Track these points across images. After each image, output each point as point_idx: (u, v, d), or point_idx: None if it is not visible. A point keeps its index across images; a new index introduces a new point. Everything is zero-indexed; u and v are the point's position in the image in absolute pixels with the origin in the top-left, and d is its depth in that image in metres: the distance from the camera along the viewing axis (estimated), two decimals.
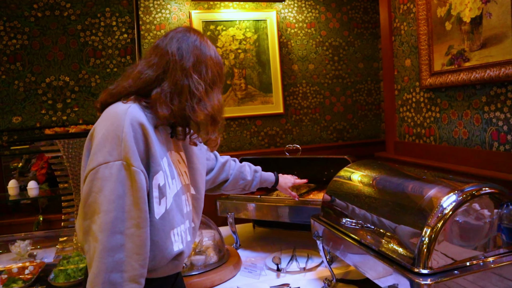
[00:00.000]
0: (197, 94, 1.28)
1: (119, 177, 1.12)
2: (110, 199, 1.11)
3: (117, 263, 1.09)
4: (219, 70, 1.38)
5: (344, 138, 3.83)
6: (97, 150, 1.15)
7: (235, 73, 3.52)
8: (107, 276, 1.08)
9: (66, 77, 3.31)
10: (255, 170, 2.00)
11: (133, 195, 1.14)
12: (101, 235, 1.09)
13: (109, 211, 1.10)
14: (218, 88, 1.39)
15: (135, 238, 1.12)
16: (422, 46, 2.32)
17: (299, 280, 1.87)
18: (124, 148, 1.13)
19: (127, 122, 1.15)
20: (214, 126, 1.33)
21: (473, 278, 1.21)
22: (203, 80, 1.31)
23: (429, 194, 1.31)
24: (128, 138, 1.14)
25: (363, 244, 1.44)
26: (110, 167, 1.12)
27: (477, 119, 2.03)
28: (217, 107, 1.33)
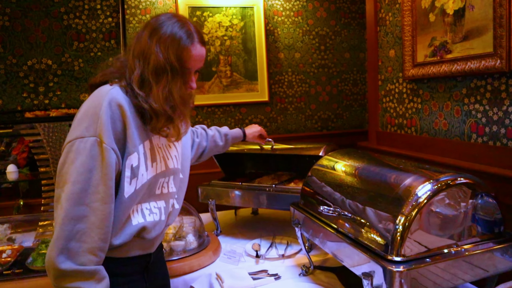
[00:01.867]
0: (141, 86, 1.28)
1: (92, 152, 1.17)
2: (80, 171, 1.16)
3: (77, 233, 1.14)
4: (171, 56, 1.29)
5: (329, 128, 3.84)
6: (76, 125, 1.21)
7: (220, 60, 3.50)
8: (66, 243, 1.13)
9: (49, 60, 3.25)
10: (225, 134, 2.03)
11: (102, 171, 1.18)
12: (66, 203, 1.15)
13: (77, 182, 1.15)
14: (170, 77, 1.30)
15: (99, 212, 1.17)
16: (406, 37, 2.33)
17: (277, 266, 1.89)
18: (99, 126, 1.19)
19: (106, 102, 1.21)
20: (162, 118, 1.30)
21: (444, 265, 1.24)
22: (147, 70, 1.28)
23: (405, 183, 1.32)
24: (104, 116, 1.19)
25: (340, 232, 1.46)
26: (85, 142, 1.18)
27: (457, 111, 2.06)
28: (165, 100, 1.28)
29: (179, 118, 1.36)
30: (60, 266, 1.13)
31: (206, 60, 3.46)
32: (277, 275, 1.79)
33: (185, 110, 1.37)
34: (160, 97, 1.27)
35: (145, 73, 1.28)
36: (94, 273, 1.17)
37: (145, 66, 1.29)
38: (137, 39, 1.34)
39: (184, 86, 1.35)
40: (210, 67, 3.47)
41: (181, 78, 1.33)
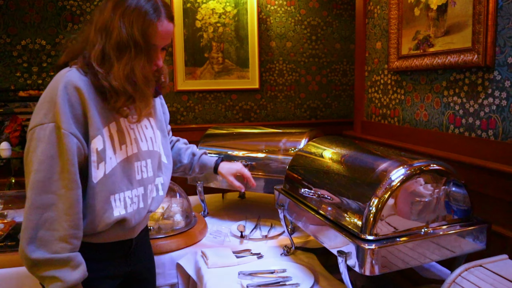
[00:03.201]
0: (100, 62, 1.21)
1: (51, 138, 1.14)
2: (41, 159, 1.13)
3: (46, 221, 1.13)
4: (135, 32, 1.21)
5: (317, 116, 3.92)
6: (36, 111, 1.19)
7: (213, 47, 3.55)
8: (35, 233, 1.12)
9: (43, 40, 3.28)
10: (193, 153, 1.83)
11: (64, 157, 1.15)
12: (30, 192, 1.12)
13: (39, 171, 1.13)
14: (133, 54, 1.22)
15: (65, 198, 1.15)
16: (392, 30, 2.40)
17: (260, 246, 1.96)
18: (56, 111, 1.15)
19: (61, 86, 1.16)
20: (121, 98, 1.23)
21: (413, 245, 1.32)
22: (109, 45, 1.21)
23: (381, 167, 1.40)
24: (60, 101, 1.15)
25: (320, 214, 1.54)
26: (44, 129, 1.15)
27: (437, 102, 2.14)
28: (125, 78, 1.21)
29: (140, 98, 1.27)
30: (31, 256, 1.12)
31: (199, 46, 3.51)
32: (260, 254, 1.87)
33: (147, 90, 1.28)
34: (121, 74, 1.20)
35: (107, 48, 1.21)
36: (68, 260, 1.16)
37: (107, 41, 1.21)
38: (100, 11, 1.25)
39: (148, 64, 1.26)
40: (203, 53, 3.53)
41: (146, 56, 1.24)
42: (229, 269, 1.73)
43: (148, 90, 1.28)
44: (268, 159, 2.18)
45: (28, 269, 1.15)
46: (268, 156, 2.20)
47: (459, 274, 1.31)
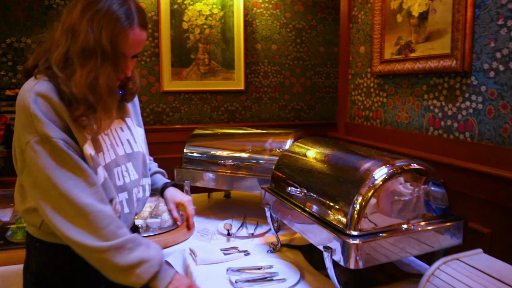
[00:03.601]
0: (62, 66, 1.13)
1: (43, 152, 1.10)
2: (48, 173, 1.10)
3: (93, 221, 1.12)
4: (103, 38, 1.11)
5: (301, 118, 4.00)
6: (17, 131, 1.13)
7: (199, 48, 3.59)
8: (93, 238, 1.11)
9: (28, 39, 3.27)
10: (149, 168, 1.69)
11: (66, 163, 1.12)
12: (72, 202, 1.11)
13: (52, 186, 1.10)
14: (99, 62, 1.13)
15: (97, 195, 1.15)
16: (376, 35, 2.49)
17: (247, 244, 2.01)
18: (37, 124, 1.09)
19: (31, 99, 1.09)
20: (81, 106, 1.14)
21: (394, 240, 1.39)
22: (73, 48, 1.13)
23: (364, 167, 1.47)
24: (37, 112, 1.09)
25: (306, 211, 1.60)
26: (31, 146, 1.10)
27: (417, 105, 2.23)
28: (87, 86, 1.12)
29: (103, 109, 1.17)
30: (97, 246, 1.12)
31: (186, 47, 3.55)
32: (247, 251, 1.91)
33: (110, 101, 1.18)
34: (83, 82, 1.11)
35: (70, 52, 1.12)
36: (136, 239, 1.17)
37: (72, 44, 1.12)
38: (69, 10, 1.16)
39: (114, 74, 1.18)
40: (189, 54, 3.57)
41: (112, 65, 1.16)
42: (217, 266, 1.76)
43: (111, 102, 1.19)
44: (254, 159, 2.23)
45: (111, 266, 1.14)
46: (254, 156, 2.24)
47: (438, 267, 1.39)
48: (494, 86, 1.78)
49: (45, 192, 1.12)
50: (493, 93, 1.79)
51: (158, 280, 1.18)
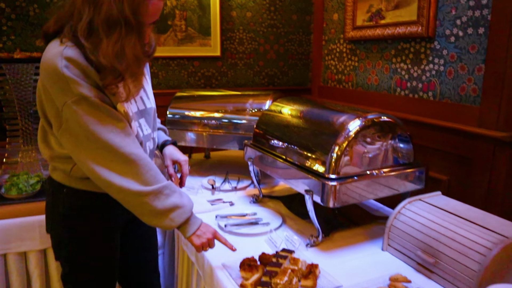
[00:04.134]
0: (88, 37, 1.17)
1: (85, 109, 1.18)
2: (88, 130, 1.19)
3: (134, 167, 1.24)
4: (126, 9, 1.14)
5: (275, 84, 4.15)
6: (54, 93, 1.20)
7: (176, 15, 3.65)
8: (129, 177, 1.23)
9: (2, 3, 3.25)
10: None
11: (105, 118, 1.21)
12: (115, 151, 1.21)
13: (101, 134, 1.20)
14: (124, 32, 1.16)
15: (136, 144, 1.27)
16: (348, 3, 2.65)
17: (231, 196, 2.17)
18: (72, 85, 1.16)
19: (63, 64, 1.16)
20: (109, 76, 1.20)
21: (366, 183, 1.59)
22: (98, 18, 1.15)
23: (340, 120, 1.65)
24: (70, 75, 1.16)
25: (288, 161, 1.77)
26: (69, 106, 1.17)
27: (386, 68, 2.43)
28: (115, 56, 1.16)
29: (131, 77, 1.24)
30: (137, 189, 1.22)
31: (162, 13, 3.60)
32: (231, 202, 2.08)
33: (138, 69, 1.25)
34: (110, 52, 1.14)
35: (95, 22, 1.14)
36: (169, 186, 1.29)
37: (96, 15, 1.14)
38: None
39: (138, 43, 1.20)
40: (166, 21, 3.62)
41: (137, 34, 1.18)
42: (206, 215, 1.90)
43: (138, 70, 1.25)
44: (236, 118, 2.37)
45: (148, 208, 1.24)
46: (236, 116, 2.38)
47: (403, 206, 1.60)
48: (454, 50, 1.99)
49: (88, 147, 1.21)
50: (453, 56, 2.00)
51: (188, 226, 1.32)
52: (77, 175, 1.36)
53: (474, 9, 1.89)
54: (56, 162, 1.38)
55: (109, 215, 1.47)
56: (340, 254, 1.57)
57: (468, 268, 1.30)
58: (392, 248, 1.57)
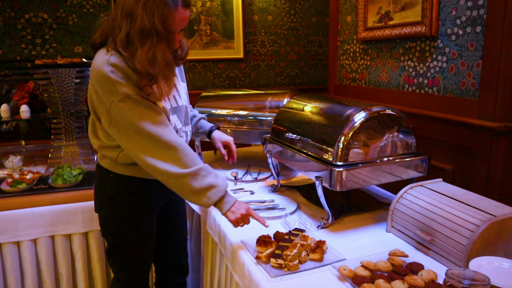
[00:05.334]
0: (125, 46, 1.35)
1: (129, 105, 1.38)
2: (136, 124, 1.38)
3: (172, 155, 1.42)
4: (156, 21, 1.31)
5: (296, 83, 4.33)
6: (103, 93, 1.40)
7: (201, 20, 3.89)
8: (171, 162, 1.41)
9: (45, 14, 3.55)
10: (193, 115, 2.05)
11: (147, 112, 1.40)
12: (158, 140, 1.39)
13: (143, 133, 1.39)
14: (155, 41, 1.33)
15: (173, 132, 1.45)
16: (360, 6, 2.81)
17: (252, 186, 2.32)
18: (118, 86, 1.36)
19: (109, 69, 1.36)
20: (144, 79, 1.37)
21: (371, 169, 1.73)
22: (134, 30, 1.33)
23: (347, 113, 1.80)
24: (115, 78, 1.36)
25: (302, 152, 1.94)
26: (117, 104, 1.38)
27: (395, 66, 2.58)
28: (148, 62, 1.33)
29: (162, 79, 1.41)
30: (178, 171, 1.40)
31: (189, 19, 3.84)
32: (252, 191, 2.25)
33: (168, 72, 1.42)
34: (144, 59, 1.32)
35: (131, 33, 1.33)
36: (207, 169, 1.46)
37: (132, 27, 1.32)
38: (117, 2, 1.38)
39: (168, 50, 1.40)
40: (192, 26, 3.87)
41: (166, 42, 1.36)
42: None
43: (169, 72, 1.43)
44: (257, 115, 2.53)
45: (188, 188, 1.42)
46: (257, 113, 2.55)
47: (406, 191, 1.75)
48: (455, 47, 2.14)
49: (134, 138, 1.41)
50: (454, 53, 2.14)
51: (223, 204, 1.50)
52: (122, 161, 1.58)
53: (472, 9, 2.03)
54: (104, 151, 1.61)
55: (148, 199, 1.69)
56: (347, 234, 1.72)
57: (459, 244, 1.43)
58: (395, 229, 1.71)
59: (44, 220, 2.17)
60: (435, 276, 1.34)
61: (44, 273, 2.18)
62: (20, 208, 2.14)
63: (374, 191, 2.19)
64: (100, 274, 2.29)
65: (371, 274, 1.36)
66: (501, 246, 1.44)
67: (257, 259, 1.51)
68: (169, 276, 1.99)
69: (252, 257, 1.54)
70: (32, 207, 2.16)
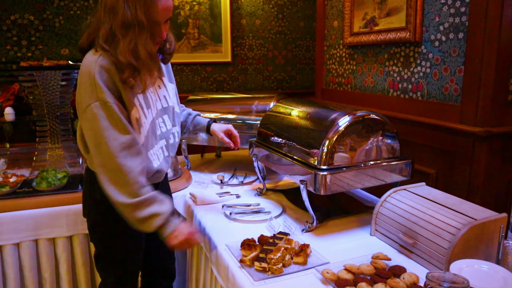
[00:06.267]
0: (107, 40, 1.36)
1: (101, 113, 1.36)
2: (101, 132, 1.37)
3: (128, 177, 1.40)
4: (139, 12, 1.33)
5: (283, 87, 4.35)
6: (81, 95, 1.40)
7: (189, 23, 3.89)
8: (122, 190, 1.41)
9: (31, 16, 3.53)
10: (189, 113, 2.04)
11: (117, 123, 1.38)
12: (112, 160, 1.38)
13: (103, 143, 1.38)
14: (137, 32, 1.35)
15: (133, 156, 1.42)
16: (346, 11, 2.85)
17: (238, 190, 2.34)
18: (99, 90, 1.36)
19: (96, 69, 1.36)
20: (127, 71, 1.36)
21: (355, 173, 1.75)
22: (116, 24, 1.34)
23: (331, 117, 1.81)
24: (99, 81, 1.35)
25: (287, 155, 1.94)
26: (92, 108, 1.37)
27: (380, 71, 2.61)
28: (131, 53, 1.34)
29: (145, 71, 1.40)
30: (124, 201, 1.40)
31: (177, 22, 3.85)
32: (238, 195, 2.26)
33: (151, 63, 1.40)
34: (126, 50, 1.33)
35: (113, 28, 1.34)
36: (155, 198, 1.44)
37: (114, 22, 1.33)
38: None
39: (151, 40, 1.38)
40: (180, 29, 3.87)
41: (148, 32, 1.36)
42: (214, 206, 2.10)
43: (152, 64, 1.42)
44: (244, 119, 2.54)
45: (131, 217, 1.42)
46: (244, 117, 2.56)
47: (389, 195, 1.77)
48: (438, 53, 2.17)
49: (98, 146, 1.40)
50: (437, 59, 2.18)
51: (163, 229, 1.48)
52: None
53: (455, 16, 2.07)
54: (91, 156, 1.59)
55: None
56: (332, 238, 1.73)
57: (440, 247, 1.46)
58: (378, 233, 1.73)
59: (28, 223, 2.14)
60: (417, 279, 1.36)
61: (27, 278, 2.15)
62: (3, 211, 2.11)
63: (359, 194, 2.21)
64: (85, 278, 2.26)
65: (354, 278, 1.38)
66: (481, 249, 1.46)
67: (241, 262, 1.52)
68: (156, 281, 1.98)
69: (236, 260, 1.55)
70: (16, 210, 2.13)
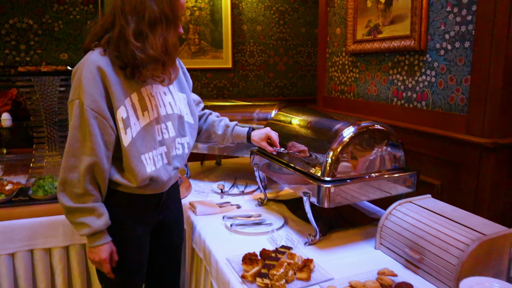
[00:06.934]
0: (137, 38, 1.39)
1: (76, 112, 1.40)
2: (71, 129, 1.41)
3: (71, 180, 1.42)
4: (165, 8, 1.40)
5: (284, 94, 4.32)
6: (71, 89, 1.44)
7: (190, 29, 3.86)
8: (63, 187, 1.44)
9: (30, 20, 3.49)
10: (226, 125, 1.96)
11: (84, 128, 1.40)
12: (64, 156, 1.43)
13: (69, 138, 1.42)
14: (164, 26, 1.42)
15: (85, 163, 1.40)
16: (349, 18, 2.81)
17: (238, 200, 2.29)
18: (80, 89, 1.38)
19: (85, 68, 1.39)
20: (158, 65, 1.43)
21: (359, 185, 1.71)
22: (143, 23, 1.39)
23: (336, 127, 1.78)
24: (84, 81, 1.38)
25: (289, 166, 1.91)
26: (72, 104, 1.41)
27: (384, 80, 2.57)
28: (161, 47, 1.41)
29: (170, 63, 1.48)
30: (64, 204, 1.43)
31: None
32: (238, 205, 2.22)
33: (175, 55, 1.49)
34: (158, 45, 1.39)
35: (141, 26, 1.38)
36: (93, 210, 1.44)
37: (140, 20, 1.38)
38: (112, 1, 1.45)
39: (175, 33, 1.47)
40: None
41: (174, 26, 1.44)
42: (214, 216, 2.05)
43: (176, 55, 1.51)
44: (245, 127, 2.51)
45: (65, 216, 1.47)
46: (244, 124, 2.52)
47: (394, 207, 1.73)
48: (444, 62, 2.13)
49: (68, 141, 1.43)
50: (443, 68, 2.14)
51: (88, 241, 1.49)
52: (112, 174, 1.52)
53: (461, 25, 2.03)
54: None
55: (140, 214, 1.63)
56: (335, 252, 1.69)
57: (449, 263, 1.41)
58: (383, 247, 1.69)
59: (23, 233, 2.09)
60: None
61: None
62: None
63: (363, 205, 2.16)
64: None
65: None
66: (491, 265, 1.42)
67: (242, 278, 1.47)
68: None
69: (237, 276, 1.50)
70: (11, 219, 2.08)
